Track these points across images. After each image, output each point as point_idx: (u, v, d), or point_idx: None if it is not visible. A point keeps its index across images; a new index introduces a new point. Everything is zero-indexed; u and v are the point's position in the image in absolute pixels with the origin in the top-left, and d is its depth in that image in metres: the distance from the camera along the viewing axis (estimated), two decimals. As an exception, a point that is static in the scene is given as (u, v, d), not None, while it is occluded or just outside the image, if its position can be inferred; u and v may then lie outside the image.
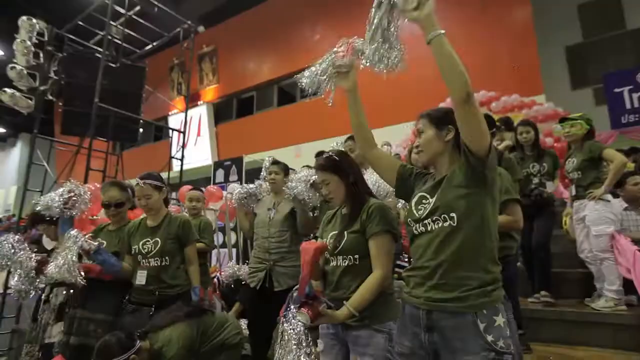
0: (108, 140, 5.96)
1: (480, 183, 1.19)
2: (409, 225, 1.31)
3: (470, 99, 1.10)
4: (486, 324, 1.12)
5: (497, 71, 7.30)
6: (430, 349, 1.19)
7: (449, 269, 1.17)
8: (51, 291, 2.68)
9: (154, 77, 8.38)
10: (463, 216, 1.18)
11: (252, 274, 2.68)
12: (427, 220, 1.24)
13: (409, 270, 1.30)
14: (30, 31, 5.32)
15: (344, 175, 1.63)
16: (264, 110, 11.58)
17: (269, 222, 2.70)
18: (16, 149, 18.93)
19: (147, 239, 2.32)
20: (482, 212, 1.19)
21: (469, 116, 1.13)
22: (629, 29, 7.29)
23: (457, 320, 1.14)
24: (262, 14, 11.35)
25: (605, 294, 2.95)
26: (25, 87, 5.40)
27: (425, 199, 1.28)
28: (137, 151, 11.57)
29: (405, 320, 1.27)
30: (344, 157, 1.70)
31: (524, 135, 3.41)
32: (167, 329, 2.02)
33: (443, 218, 1.20)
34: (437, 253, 1.19)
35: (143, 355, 1.91)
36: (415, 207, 1.30)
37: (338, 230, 1.61)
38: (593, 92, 7.19)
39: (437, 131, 1.30)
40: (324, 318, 1.37)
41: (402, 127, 7.04)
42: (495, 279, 1.18)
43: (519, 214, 1.97)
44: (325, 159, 1.68)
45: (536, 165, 3.34)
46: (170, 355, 1.94)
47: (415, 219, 1.28)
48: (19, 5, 8.89)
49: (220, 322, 2.31)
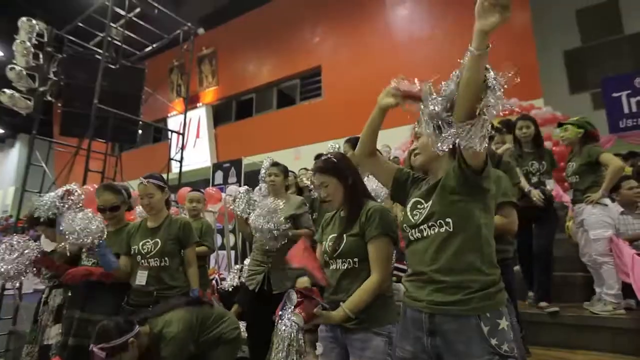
0: (107, 141, 5.96)
1: (473, 191, 1.19)
2: (405, 231, 1.31)
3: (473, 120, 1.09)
4: (490, 327, 1.11)
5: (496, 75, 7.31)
6: (433, 353, 1.18)
7: (448, 273, 1.17)
8: (50, 293, 2.67)
9: (154, 78, 8.38)
10: (458, 221, 1.18)
11: (251, 276, 2.67)
12: (423, 226, 1.24)
13: (409, 276, 1.30)
14: (30, 32, 5.33)
15: (343, 177, 1.63)
16: (263, 112, 11.58)
17: (268, 225, 2.69)
18: (15, 150, 18.91)
19: (147, 240, 2.32)
20: (477, 218, 1.19)
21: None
22: (627, 34, 7.33)
23: (460, 324, 1.13)
24: (261, 17, 11.38)
25: (604, 297, 2.96)
26: (25, 88, 5.41)
27: (420, 204, 1.28)
28: (136, 153, 11.55)
29: (407, 324, 1.26)
30: (342, 159, 1.69)
31: (524, 131, 3.18)
32: (167, 314, 2.05)
33: (439, 224, 1.20)
34: (434, 259, 1.19)
35: (142, 339, 1.93)
36: (410, 212, 1.30)
37: (337, 233, 1.60)
38: (591, 97, 7.23)
39: None
40: (318, 319, 1.37)
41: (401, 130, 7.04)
42: (495, 281, 1.18)
43: (514, 217, 1.96)
44: (323, 161, 1.67)
45: (535, 163, 3.14)
46: (170, 336, 1.96)
47: (411, 225, 1.28)
48: (19, 5, 8.90)
49: (219, 314, 2.33)
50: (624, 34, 7.36)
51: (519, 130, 3.21)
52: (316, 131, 8.93)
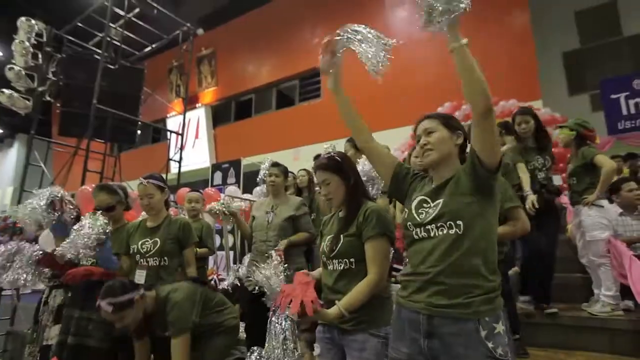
0: (106, 141, 5.95)
1: (486, 192, 1.19)
2: (408, 229, 1.29)
3: (491, 114, 1.11)
4: (487, 331, 1.11)
5: (495, 76, 7.33)
6: (429, 355, 1.18)
7: (451, 276, 1.16)
8: (50, 293, 2.67)
9: (153, 79, 8.38)
10: (469, 224, 1.17)
11: (250, 277, 2.67)
12: (431, 226, 1.22)
13: (408, 275, 1.28)
14: (29, 32, 5.33)
15: (345, 176, 1.63)
16: (263, 113, 11.58)
17: (267, 226, 2.69)
18: (13, 150, 18.86)
19: (147, 239, 2.32)
20: (487, 221, 1.19)
21: (487, 131, 1.13)
22: (625, 36, 7.35)
23: (459, 327, 1.13)
24: (261, 17, 11.38)
25: (602, 299, 2.96)
26: (24, 88, 5.40)
27: (427, 203, 1.27)
28: (135, 153, 11.54)
29: (403, 325, 1.25)
30: (345, 159, 1.69)
31: (523, 126, 3.06)
32: (174, 284, 2.16)
33: (449, 225, 1.18)
34: (440, 260, 1.18)
35: (148, 302, 2.02)
36: (415, 210, 1.29)
37: (334, 233, 1.60)
38: (590, 98, 7.25)
39: (450, 133, 1.30)
40: (313, 315, 1.36)
41: (400, 131, 7.06)
42: (495, 287, 1.17)
43: (524, 217, 1.99)
44: (327, 159, 1.67)
45: (540, 158, 3.02)
46: (175, 301, 2.03)
47: (416, 224, 1.26)
48: (19, 5, 8.89)
49: (222, 300, 2.40)
50: (623, 36, 7.38)
51: (517, 126, 3.10)
52: (315, 132, 8.93)
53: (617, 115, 5.33)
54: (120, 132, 6.10)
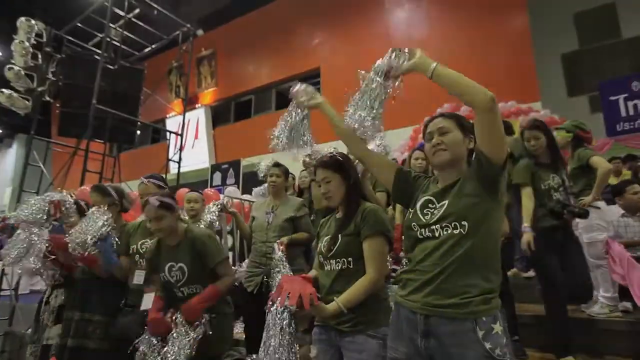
0: (105, 142, 5.96)
1: (492, 190, 1.19)
2: (412, 230, 1.28)
3: (495, 105, 1.11)
4: (485, 331, 1.11)
5: (494, 78, 7.36)
6: (426, 355, 1.18)
7: (451, 275, 1.16)
8: (51, 293, 2.66)
9: (152, 79, 8.38)
10: (474, 225, 1.17)
11: (249, 278, 2.67)
12: (436, 226, 1.21)
13: (408, 272, 1.28)
14: (29, 32, 5.33)
15: (346, 175, 1.63)
16: (262, 113, 11.59)
17: (267, 227, 2.68)
18: (12, 150, 18.84)
19: (146, 240, 2.32)
20: (491, 222, 1.19)
21: (493, 125, 1.13)
22: (624, 38, 7.36)
23: (455, 327, 1.13)
24: (261, 18, 11.40)
25: (601, 300, 2.96)
26: (23, 88, 5.40)
27: (432, 204, 1.26)
28: (134, 153, 11.54)
29: (401, 324, 1.25)
30: (346, 158, 1.70)
31: (532, 143, 2.71)
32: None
33: (454, 225, 1.18)
34: (442, 259, 1.18)
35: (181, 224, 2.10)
36: (421, 211, 1.28)
37: (332, 234, 1.60)
38: (589, 100, 7.25)
39: (463, 136, 1.29)
40: (311, 309, 1.35)
41: (399, 132, 7.06)
42: (494, 288, 1.17)
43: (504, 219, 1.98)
44: (329, 157, 1.69)
45: (556, 177, 2.68)
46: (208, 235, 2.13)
47: (421, 224, 1.26)
48: (19, 5, 8.88)
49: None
50: (621, 38, 7.39)
51: (527, 142, 2.78)
52: (315, 132, 8.89)
53: (616, 116, 5.35)
54: (119, 133, 6.10)
